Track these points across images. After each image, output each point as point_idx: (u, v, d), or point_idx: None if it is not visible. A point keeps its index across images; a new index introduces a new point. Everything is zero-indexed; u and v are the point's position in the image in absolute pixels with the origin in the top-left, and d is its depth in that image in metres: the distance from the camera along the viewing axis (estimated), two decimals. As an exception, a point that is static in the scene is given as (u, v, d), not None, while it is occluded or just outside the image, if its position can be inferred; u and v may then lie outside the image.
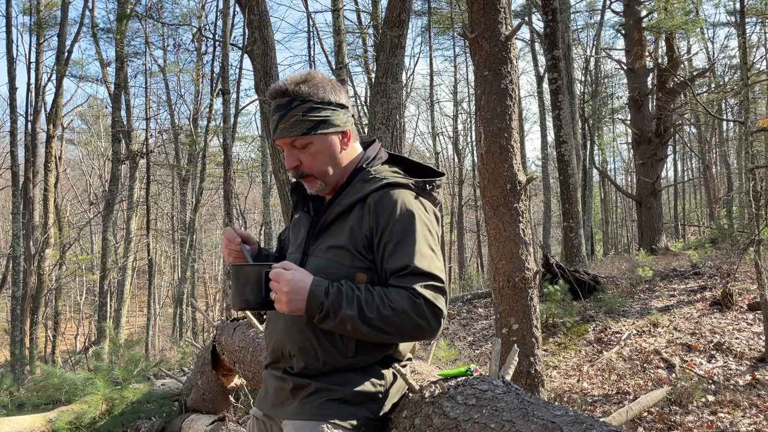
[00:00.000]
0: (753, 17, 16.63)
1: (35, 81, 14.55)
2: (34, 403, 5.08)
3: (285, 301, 1.39)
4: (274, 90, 1.52)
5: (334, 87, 1.54)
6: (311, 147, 1.51)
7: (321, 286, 1.40)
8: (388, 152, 1.66)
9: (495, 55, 3.79)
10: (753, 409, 4.58)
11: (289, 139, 1.50)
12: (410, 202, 1.48)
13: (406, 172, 1.60)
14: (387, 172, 1.55)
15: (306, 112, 1.48)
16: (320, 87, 1.51)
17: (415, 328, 1.39)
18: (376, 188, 1.49)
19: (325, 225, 1.53)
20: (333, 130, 1.52)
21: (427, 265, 1.42)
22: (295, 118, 1.48)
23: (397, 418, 1.59)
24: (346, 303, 1.38)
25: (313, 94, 1.49)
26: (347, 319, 1.37)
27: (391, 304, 1.37)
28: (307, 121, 1.48)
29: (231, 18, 9.53)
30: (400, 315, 1.37)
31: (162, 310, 27.30)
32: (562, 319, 6.98)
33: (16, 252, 12.41)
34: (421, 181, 1.54)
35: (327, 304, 1.38)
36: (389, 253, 1.43)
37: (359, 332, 1.40)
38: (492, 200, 3.85)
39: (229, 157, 8.10)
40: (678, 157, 28.54)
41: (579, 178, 11.52)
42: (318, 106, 1.49)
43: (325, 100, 1.50)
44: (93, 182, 27.27)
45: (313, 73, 1.54)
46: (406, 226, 1.44)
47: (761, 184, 7.62)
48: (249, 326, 3.38)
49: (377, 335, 1.40)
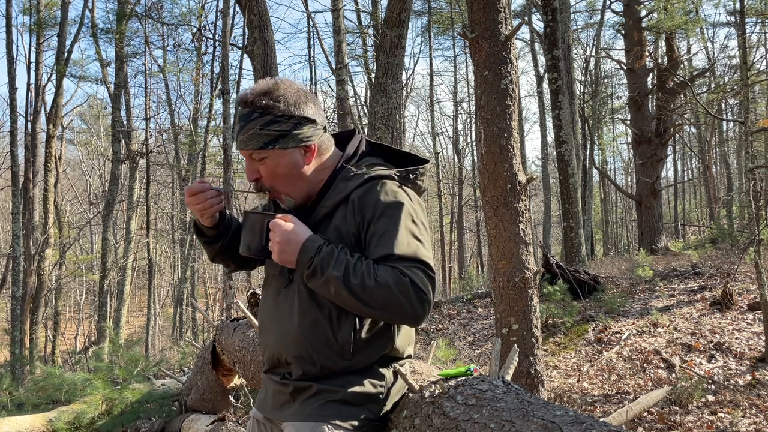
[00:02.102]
0: (753, 17, 16.63)
1: (35, 81, 14.55)
2: (33, 403, 5.08)
3: (277, 250, 1.40)
4: (238, 98, 1.47)
5: (299, 99, 1.46)
6: (267, 161, 1.46)
7: (315, 242, 1.39)
8: (369, 141, 1.63)
9: (495, 55, 3.79)
10: (753, 409, 4.58)
11: (247, 152, 1.47)
12: (394, 193, 1.46)
13: (389, 161, 1.58)
14: (368, 166, 1.52)
15: (264, 125, 1.43)
16: (282, 100, 1.44)
17: (396, 306, 1.34)
18: (359, 184, 1.48)
19: (311, 228, 1.50)
20: (293, 145, 1.45)
21: (413, 252, 1.39)
22: (252, 131, 1.43)
23: (397, 418, 1.59)
24: (334, 264, 1.36)
25: (274, 106, 1.43)
26: (331, 279, 1.36)
27: (377, 276, 1.35)
28: (264, 135, 1.43)
29: (231, 18, 9.53)
30: (382, 288, 1.34)
31: (162, 310, 27.31)
32: (562, 319, 6.98)
33: (16, 252, 12.41)
34: (404, 171, 1.52)
35: (316, 260, 1.37)
36: (374, 244, 1.41)
37: (341, 296, 1.37)
38: (492, 200, 3.85)
39: (229, 157, 8.10)
40: (678, 157, 28.57)
41: (579, 178, 11.52)
42: (278, 119, 1.43)
43: (287, 114, 1.44)
44: (93, 182, 27.28)
45: (279, 83, 1.47)
46: (390, 218, 1.42)
47: (761, 184, 7.62)
48: (249, 326, 3.37)
49: (357, 305, 1.37)
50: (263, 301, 1.64)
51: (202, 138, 16.94)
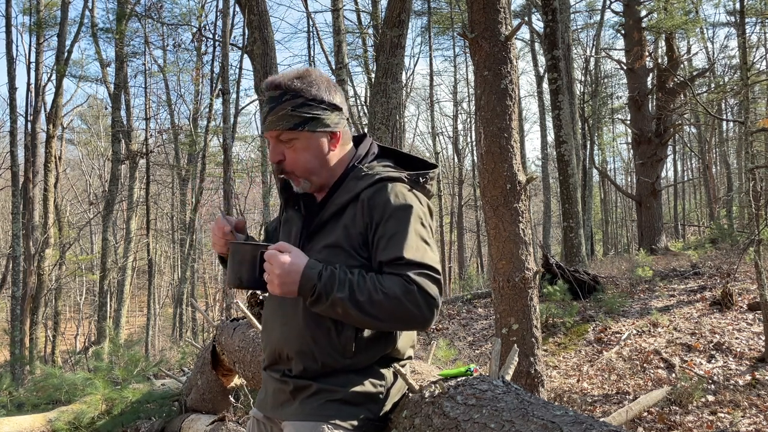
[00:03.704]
0: (753, 17, 16.63)
1: (35, 81, 14.55)
2: (33, 403, 5.08)
3: (277, 283, 1.38)
4: (267, 83, 1.51)
5: (329, 87, 1.52)
6: (296, 143, 1.49)
7: (314, 269, 1.38)
8: (379, 145, 1.65)
9: (495, 55, 3.79)
10: (753, 409, 4.58)
11: (275, 132, 1.49)
12: (403, 195, 1.47)
13: (399, 165, 1.59)
14: (379, 167, 1.53)
15: (295, 107, 1.46)
16: (314, 85, 1.49)
17: (406, 315, 1.36)
18: (369, 184, 1.48)
19: (320, 225, 1.52)
20: (322, 130, 1.49)
21: (421, 256, 1.40)
22: (284, 112, 1.47)
23: (397, 418, 1.59)
24: (337, 286, 1.36)
25: (306, 90, 1.48)
26: (338, 302, 1.36)
27: (383, 289, 1.36)
28: (295, 116, 1.47)
29: (231, 18, 9.54)
30: (391, 300, 1.35)
31: (162, 310, 27.30)
32: (562, 319, 6.98)
33: (16, 252, 12.41)
34: (414, 174, 1.53)
35: (319, 287, 1.37)
36: (383, 246, 1.42)
37: (350, 316, 1.38)
38: (492, 200, 3.85)
39: (229, 157, 8.10)
40: (678, 157, 28.56)
41: (579, 178, 11.52)
42: (310, 103, 1.47)
43: (317, 98, 1.48)
44: (93, 182, 27.28)
45: (310, 71, 1.52)
46: (399, 220, 1.43)
47: (761, 184, 7.62)
48: (249, 326, 3.37)
49: (368, 320, 1.38)
50: (268, 299, 1.65)
51: (202, 138, 16.93)
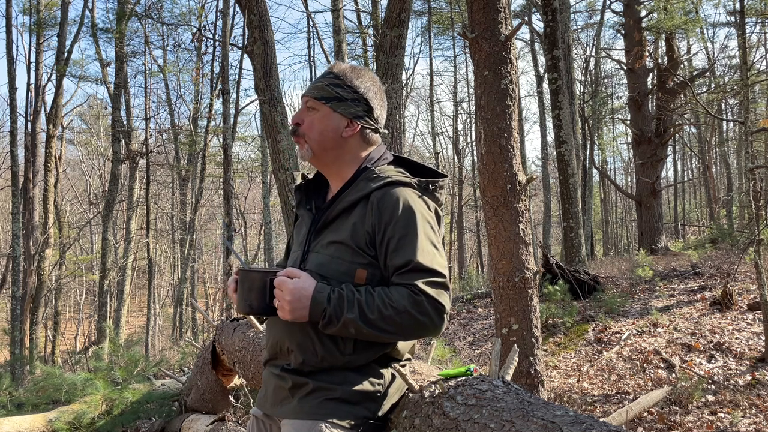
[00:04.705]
0: (753, 17, 16.63)
1: (35, 81, 14.55)
2: (33, 403, 5.08)
3: (288, 309, 1.42)
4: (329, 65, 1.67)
5: (373, 90, 1.62)
6: (315, 113, 1.59)
7: (323, 292, 1.42)
8: (393, 154, 1.69)
9: (495, 55, 3.79)
10: (753, 409, 4.58)
11: (306, 98, 1.61)
12: (413, 200, 1.50)
13: (409, 173, 1.62)
14: (391, 171, 1.57)
15: (331, 84, 1.59)
16: (359, 78, 1.61)
17: (417, 326, 1.40)
18: (380, 186, 1.51)
19: (328, 221, 1.55)
20: (342, 112, 1.58)
21: (430, 261, 1.43)
22: (320, 84, 1.60)
23: (396, 418, 1.59)
24: (347, 307, 1.40)
25: (349, 78, 1.60)
26: (349, 322, 1.39)
27: (392, 303, 1.39)
28: (326, 90, 1.58)
29: (231, 18, 9.54)
30: (401, 314, 1.39)
31: (162, 310, 27.30)
32: (562, 319, 6.98)
33: (16, 252, 12.41)
34: (424, 181, 1.56)
35: (329, 310, 1.40)
36: (392, 249, 1.45)
37: (362, 334, 1.42)
38: (492, 200, 3.85)
39: (229, 157, 8.10)
40: (678, 157, 28.56)
41: (579, 178, 11.51)
42: (345, 87, 1.59)
43: (353, 87, 1.59)
44: (93, 182, 27.27)
45: (368, 71, 1.66)
46: (408, 223, 1.46)
47: (761, 184, 7.62)
48: (249, 326, 3.37)
49: (381, 336, 1.42)
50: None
51: (202, 138, 16.93)
